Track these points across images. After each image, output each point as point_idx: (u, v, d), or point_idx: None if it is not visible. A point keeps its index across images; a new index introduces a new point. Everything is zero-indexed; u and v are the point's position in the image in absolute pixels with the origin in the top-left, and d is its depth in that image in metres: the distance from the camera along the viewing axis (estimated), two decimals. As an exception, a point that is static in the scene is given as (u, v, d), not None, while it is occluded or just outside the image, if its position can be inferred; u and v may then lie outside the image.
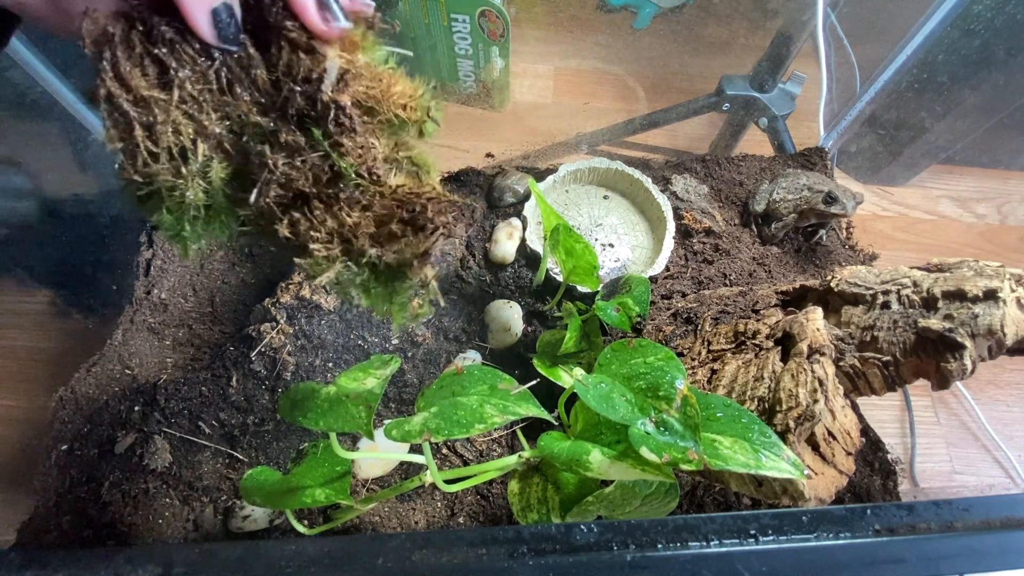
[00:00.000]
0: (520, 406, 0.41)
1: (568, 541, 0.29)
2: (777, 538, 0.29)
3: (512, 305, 0.66)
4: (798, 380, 0.44)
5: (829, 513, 0.31)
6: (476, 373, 0.44)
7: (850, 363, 0.48)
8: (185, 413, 0.60)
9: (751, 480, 0.43)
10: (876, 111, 0.92)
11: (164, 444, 0.58)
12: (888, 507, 0.31)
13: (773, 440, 0.38)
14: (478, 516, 0.57)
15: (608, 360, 0.43)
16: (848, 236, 0.83)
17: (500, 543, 0.29)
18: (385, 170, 0.27)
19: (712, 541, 0.29)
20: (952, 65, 0.85)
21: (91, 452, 0.59)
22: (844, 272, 0.53)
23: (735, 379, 0.49)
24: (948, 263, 0.48)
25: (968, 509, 0.31)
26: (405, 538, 0.29)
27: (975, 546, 0.30)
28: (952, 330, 0.42)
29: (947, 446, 0.84)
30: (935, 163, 1.04)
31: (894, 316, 0.47)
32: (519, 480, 0.44)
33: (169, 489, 0.57)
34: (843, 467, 0.46)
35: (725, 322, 0.56)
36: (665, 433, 0.37)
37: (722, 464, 0.36)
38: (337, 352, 0.62)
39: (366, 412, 0.38)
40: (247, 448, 0.59)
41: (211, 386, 0.61)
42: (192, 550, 0.28)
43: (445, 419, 0.39)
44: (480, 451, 0.60)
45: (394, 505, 0.57)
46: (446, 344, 0.66)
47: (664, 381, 0.39)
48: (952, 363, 0.42)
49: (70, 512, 0.57)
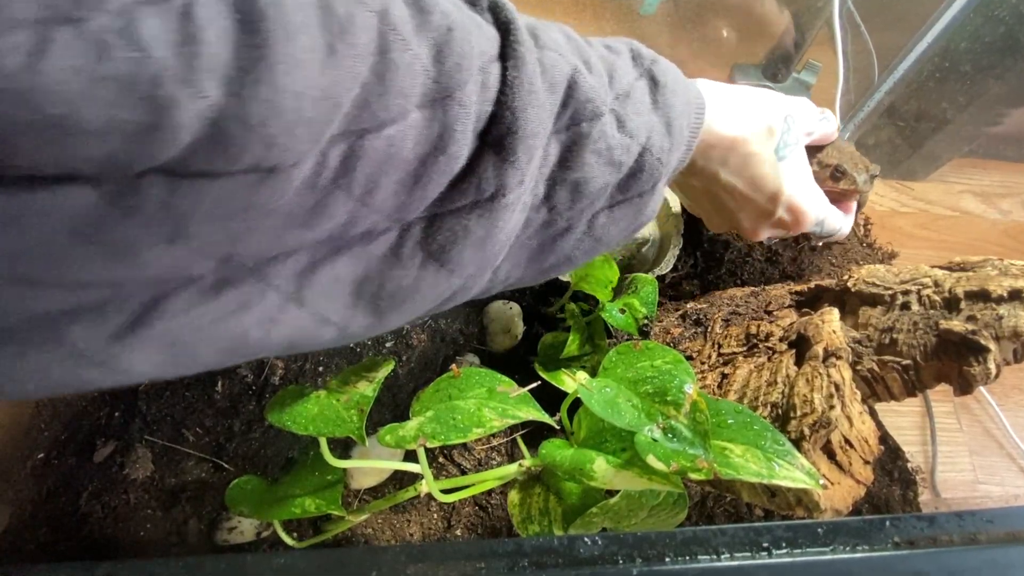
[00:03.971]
0: (520, 409, 0.41)
1: (571, 554, 0.29)
2: (791, 551, 0.29)
3: (512, 306, 0.66)
4: (813, 385, 0.44)
5: (846, 525, 0.31)
6: (474, 376, 0.44)
7: (868, 367, 0.48)
8: (168, 420, 0.60)
9: (764, 490, 0.43)
10: (895, 102, 0.92)
11: (146, 452, 0.58)
12: (908, 518, 0.31)
13: (787, 448, 0.38)
14: (476, 528, 0.57)
15: (613, 363, 0.43)
16: (866, 233, 0.83)
17: (499, 556, 0.29)
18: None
19: (723, 554, 0.29)
20: (976, 53, 0.85)
21: (69, 461, 0.59)
22: (862, 271, 0.53)
23: (747, 384, 0.49)
24: (971, 262, 0.49)
25: (992, 521, 0.31)
26: (400, 551, 0.29)
27: (1000, 559, 0.30)
28: (975, 332, 0.42)
29: (970, 454, 0.84)
30: (957, 156, 1.04)
31: (914, 317, 0.47)
32: (519, 490, 0.44)
33: (151, 499, 0.57)
34: (860, 476, 0.46)
35: (736, 324, 0.56)
36: (673, 440, 0.37)
37: (733, 473, 0.36)
38: (328, 355, 0.62)
39: (358, 416, 0.38)
40: (233, 456, 0.59)
41: (195, 391, 0.60)
42: (175, 564, 0.28)
43: (441, 423, 0.39)
44: (478, 460, 0.60)
45: (388, 516, 0.57)
46: (443, 347, 0.66)
47: (672, 385, 0.39)
48: (975, 367, 0.42)
49: (47, 524, 0.57)
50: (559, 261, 0.32)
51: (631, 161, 0.30)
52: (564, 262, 0.32)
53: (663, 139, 0.32)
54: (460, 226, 0.26)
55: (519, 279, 0.32)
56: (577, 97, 0.27)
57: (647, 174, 0.31)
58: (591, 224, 0.31)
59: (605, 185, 0.30)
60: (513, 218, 0.27)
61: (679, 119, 0.33)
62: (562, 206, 0.29)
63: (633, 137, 0.30)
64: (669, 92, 0.33)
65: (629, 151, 0.30)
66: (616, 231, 0.33)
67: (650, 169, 0.31)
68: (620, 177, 0.31)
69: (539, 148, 0.26)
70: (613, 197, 0.31)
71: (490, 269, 0.29)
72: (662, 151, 0.32)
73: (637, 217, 0.33)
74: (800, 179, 0.46)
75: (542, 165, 0.28)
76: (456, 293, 0.28)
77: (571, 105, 0.28)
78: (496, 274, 0.30)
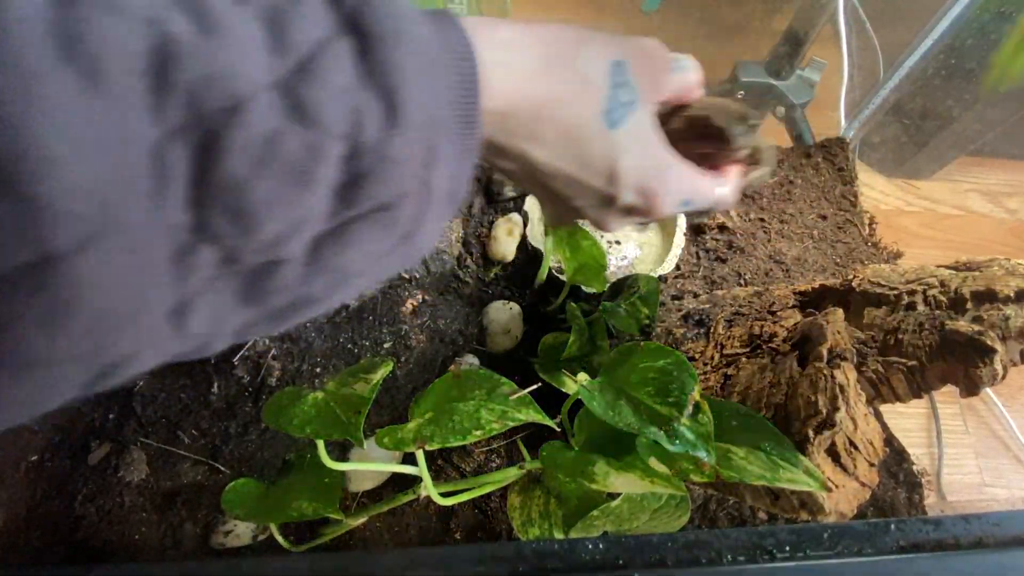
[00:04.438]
0: (520, 411, 0.41)
1: (572, 558, 0.29)
2: (795, 555, 0.29)
3: (512, 306, 0.66)
4: (817, 386, 0.44)
5: (850, 528, 0.31)
6: (473, 377, 0.44)
7: (873, 368, 0.48)
8: (163, 422, 0.60)
9: (767, 493, 0.43)
10: (900, 99, 0.92)
11: (141, 455, 0.58)
12: (913, 522, 0.31)
13: (791, 451, 0.38)
14: (476, 531, 0.57)
15: (615, 364, 0.43)
16: (871, 232, 0.83)
17: (500, 560, 0.29)
18: None
19: (725, 558, 0.29)
20: (982, 50, 0.85)
21: (63, 463, 0.59)
22: (866, 271, 0.53)
23: (750, 385, 0.49)
24: (977, 261, 0.48)
25: (999, 524, 0.31)
26: (398, 555, 0.29)
27: (1006, 563, 0.30)
28: (981, 333, 0.42)
29: (976, 456, 0.84)
30: (963, 155, 1.04)
31: (919, 318, 0.47)
32: (520, 493, 0.44)
33: (146, 503, 0.57)
34: (865, 479, 0.46)
35: (739, 324, 0.56)
36: (676, 443, 0.37)
37: (736, 476, 0.36)
38: (325, 356, 0.62)
39: (356, 418, 0.38)
40: (229, 459, 0.59)
41: (191, 393, 0.60)
42: (171, 568, 0.28)
43: (440, 426, 0.39)
44: (478, 462, 0.60)
45: (386, 520, 0.57)
46: (442, 348, 0.66)
47: (674, 387, 0.39)
48: (982, 368, 0.42)
49: (41, 527, 0.57)
50: (298, 301, 0.25)
51: (331, 165, 0.22)
52: (306, 302, 0.25)
53: (384, 123, 0.22)
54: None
55: (250, 326, 0.25)
56: (182, 76, 0.19)
57: (375, 178, 0.23)
58: (315, 254, 0.24)
59: (290, 203, 0.21)
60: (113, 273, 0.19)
61: (417, 87, 0.23)
62: (231, 238, 0.21)
63: (323, 129, 0.21)
64: (392, 47, 0.22)
65: (319, 151, 0.21)
66: (364, 257, 0.25)
67: (376, 171, 0.23)
68: (324, 189, 0.22)
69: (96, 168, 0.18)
70: (334, 215, 0.23)
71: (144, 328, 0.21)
72: (387, 143, 0.22)
73: (394, 233, 0.25)
74: (647, 150, 0.35)
75: (161, 185, 0.19)
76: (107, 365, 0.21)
77: (172, 90, 0.19)
78: (186, 328, 0.22)
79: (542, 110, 0.30)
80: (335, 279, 0.25)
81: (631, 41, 0.34)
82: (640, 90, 0.33)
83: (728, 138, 0.38)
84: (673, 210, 0.38)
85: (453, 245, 0.70)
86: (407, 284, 0.64)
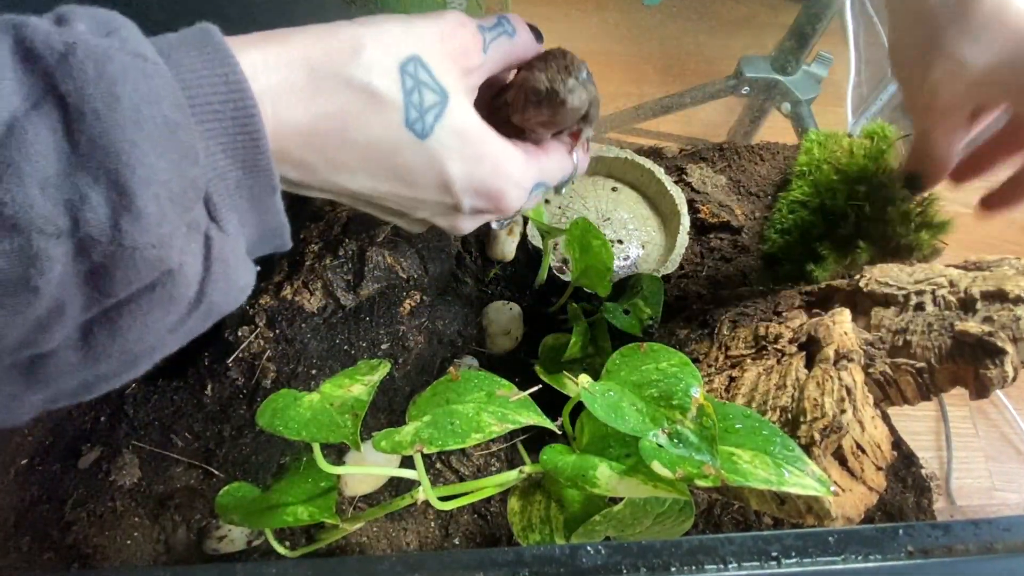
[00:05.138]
0: (520, 414, 0.41)
1: (573, 564, 0.29)
2: (801, 560, 0.29)
3: (512, 307, 0.66)
4: (824, 388, 0.44)
5: (858, 533, 0.31)
6: (473, 379, 0.44)
7: (880, 370, 0.48)
8: (155, 424, 0.60)
9: (773, 497, 0.43)
10: (909, 95, 0.92)
11: (132, 458, 0.58)
12: (922, 527, 0.31)
13: (797, 454, 0.38)
14: (475, 537, 0.57)
15: (617, 366, 0.43)
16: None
17: (499, 566, 0.29)
18: None
19: (730, 564, 0.29)
20: (992, 45, 0.85)
21: (53, 467, 0.59)
22: (874, 271, 0.53)
23: (755, 387, 0.49)
24: (987, 261, 0.49)
25: (1009, 529, 0.31)
26: (396, 561, 0.29)
27: (1017, 569, 0.30)
28: (992, 334, 0.42)
29: (986, 460, 0.84)
30: (972, 152, 1.04)
31: (928, 319, 0.47)
32: (520, 497, 0.44)
33: (138, 507, 0.57)
34: (873, 483, 0.46)
35: (744, 325, 0.56)
36: (679, 446, 0.37)
37: (741, 480, 0.36)
38: (321, 358, 0.62)
39: (352, 421, 0.38)
40: (223, 462, 0.59)
41: (184, 395, 0.60)
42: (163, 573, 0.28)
43: (439, 428, 0.39)
44: (477, 466, 0.60)
45: (383, 524, 0.57)
46: (440, 349, 0.66)
47: (678, 389, 0.39)
48: (992, 370, 0.42)
49: (30, 532, 0.57)
50: (89, 381, 0.24)
51: (57, 264, 0.19)
52: (101, 380, 0.24)
53: (110, 212, 0.19)
54: None
55: (56, 399, 0.25)
56: None
57: (122, 266, 0.20)
58: (88, 340, 0.22)
59: (15, 310, 0.19)
60: None
61: (153, 155, 0.20)
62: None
63: (30, 234, 0.18)
64: (105, 114, 0.19)
65: (34, 257, 0.18)
66: (151, 334, 0.23)
67: (119, 261, 0.20)
68: (55, 288, 0.19)
69: None
70: (91, 305, 0.21)
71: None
72: (122, 233, 0.19)
73: (179, 305, 0.23)
74: (474, 149, 0.31)
75: None
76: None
77: None
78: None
79: (315, 139, 0.27)
80: (124, 359, 0.24)
81: (424, 25, 0.29)
82: (446, 82, 0.29)
83: (560, 101, 0.33)
84: (526, 202, 0.36)
85: (452, 245, 0.70)
86: (405, 284, 0.64)
